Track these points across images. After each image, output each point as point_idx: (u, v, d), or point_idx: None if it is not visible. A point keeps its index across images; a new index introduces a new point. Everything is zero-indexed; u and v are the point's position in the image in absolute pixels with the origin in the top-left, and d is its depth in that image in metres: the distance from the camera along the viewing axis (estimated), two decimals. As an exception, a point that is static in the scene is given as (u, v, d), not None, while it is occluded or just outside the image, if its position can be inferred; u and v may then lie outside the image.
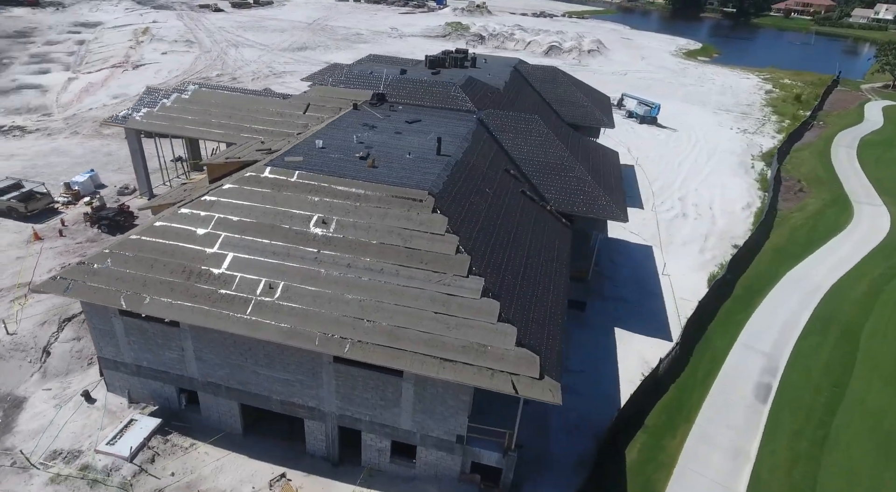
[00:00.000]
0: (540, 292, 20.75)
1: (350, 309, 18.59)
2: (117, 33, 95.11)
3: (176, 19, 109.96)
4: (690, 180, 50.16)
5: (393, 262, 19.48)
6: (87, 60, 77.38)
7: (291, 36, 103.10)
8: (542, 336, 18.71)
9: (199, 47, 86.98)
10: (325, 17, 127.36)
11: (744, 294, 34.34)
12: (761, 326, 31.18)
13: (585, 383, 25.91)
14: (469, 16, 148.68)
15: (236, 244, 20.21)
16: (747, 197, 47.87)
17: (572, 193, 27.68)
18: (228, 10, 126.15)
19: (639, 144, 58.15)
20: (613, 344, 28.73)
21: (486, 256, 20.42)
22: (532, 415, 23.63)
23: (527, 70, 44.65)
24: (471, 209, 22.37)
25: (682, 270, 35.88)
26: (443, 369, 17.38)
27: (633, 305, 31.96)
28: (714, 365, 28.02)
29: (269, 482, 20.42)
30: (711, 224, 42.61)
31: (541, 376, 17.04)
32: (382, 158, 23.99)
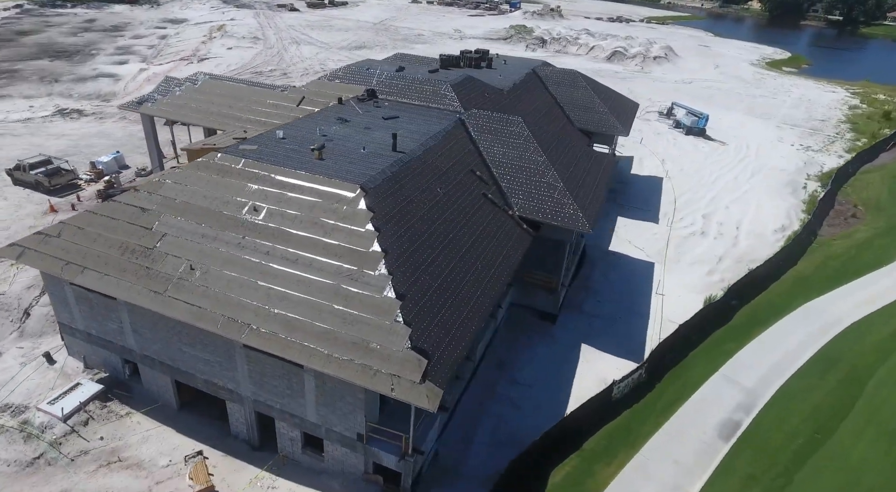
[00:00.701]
0: (460, 297, 20.06)
1: (258, 296, 18.85)
2: (196, 29, 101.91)
3: (252, 17, 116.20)
4: (723, 197, 46.68)
5: (309, 253, 19.55)
6: (162, 54, 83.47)
7: (354, 35, 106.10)
8: (443, 341, 18.08)
9: (263, 44, 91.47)
10: (392, 18, 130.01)
11: (744, 323, 31.53)
12: (752, 359, 28.50)
13: (530, 398, 24.78)
14: (539, 19, 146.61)
15: (172, 225, 21.05)
16: (785, 219, 43.88)
17: (539, 199, 26.54)
18: (303, 10, 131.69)
19: (677, 156, 54.90)
20: (576, 361, 27.28)
21: (409, 256, 20.01)
22: (460, 424, 23.00)
23: (546, 73, 43.34)
24: (409, 207, 22.02)
25: (680, 292, 33.45)
26: (328, 363, 17.23)
27: (611, 323, 30.19)
28: (682, 395, 25.92)
29: (184, 457, 21.12)
30: (732, 245, 39.44)
31: (422, 381, 16.47)
32: (337, 151, 24.16)
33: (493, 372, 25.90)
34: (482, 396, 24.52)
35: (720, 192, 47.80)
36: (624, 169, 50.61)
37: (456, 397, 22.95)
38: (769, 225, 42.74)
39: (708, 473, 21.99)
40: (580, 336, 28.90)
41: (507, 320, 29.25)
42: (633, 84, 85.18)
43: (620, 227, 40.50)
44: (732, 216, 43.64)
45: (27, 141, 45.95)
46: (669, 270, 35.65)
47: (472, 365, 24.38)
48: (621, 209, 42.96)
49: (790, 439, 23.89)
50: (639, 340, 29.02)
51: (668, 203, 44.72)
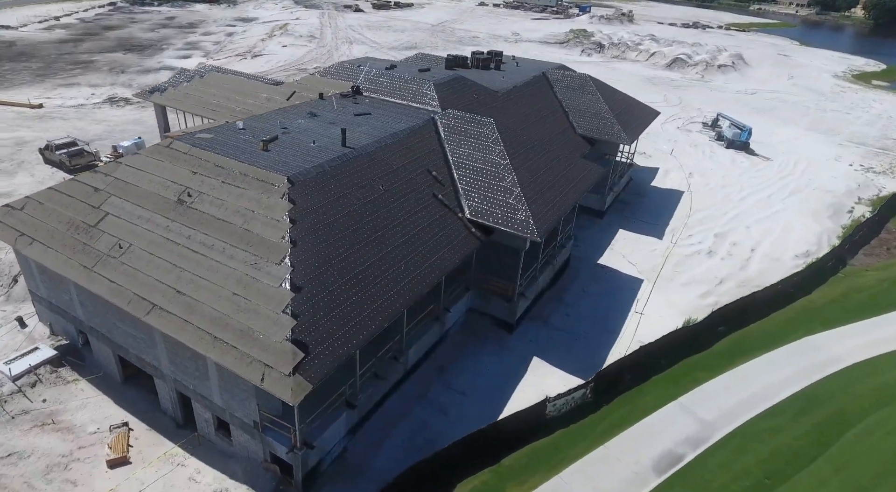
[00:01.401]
0: (367, 295, 19.80)
1: (170, 278, 19.52)
2: (261, 27, 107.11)
3: (316, 17, 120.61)
4: (746, 216, 43.29)
5: (225, 240, 20.01)
6: (224, 50, 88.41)
7: (409, 36, 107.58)
8: (333, 338, 17.91)
9: (317, 43, 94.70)
10: (452, 20, 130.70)
11: (727, 351, 29.12)
12: (721, 391, 26.26)
13: (460, 406, 24.07)
14: (606, 24, 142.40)
15: (116, 205, 22.23)
16: (813, 245, 40.07)
17: (493, 203, 25.71)
18: (367, 11, 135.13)
19: (708, 170, 51.51)
20: (522, 374, 26.20)
21: (322, 249, 20.03)
22: (379, 425, 22.72)
23: (556, 77, 41.96)
24: (340, 202, 22.04)
25: (663, 312, 31.35)
26: (213, 348, 17.56)
27: (574, 339, 28.77)
28: (627, 420, 24.29)
29: (109, 427, 22.21)
30: (740, 268, 36.50)
31: (292, 373, 16.41)
32: (287, 144, 24.59)
33: (431, 376, 25.39)
34: (412, 399, 24.11)
35: (745, 210, 44.37)
36: (643, 180, 48.17)
37: (376, 397, 22.68)
38: (791, 249, 39.18)
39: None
40: (535, 349, 27.76)
41: (464, 325, 28.59)
42: (687, 93, 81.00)
43: (619, 240, 38.53)
44: (751, 237, 40.38)
45: (72, 125, 50.11)
46: (659, 289, 33.50)
47: (402, 367, 24.00)
48: (626, 222, 40.86)
49: (735, 480, 21.77)
50: (599, 358, 27.46)
51: (679, 218, 42.07)
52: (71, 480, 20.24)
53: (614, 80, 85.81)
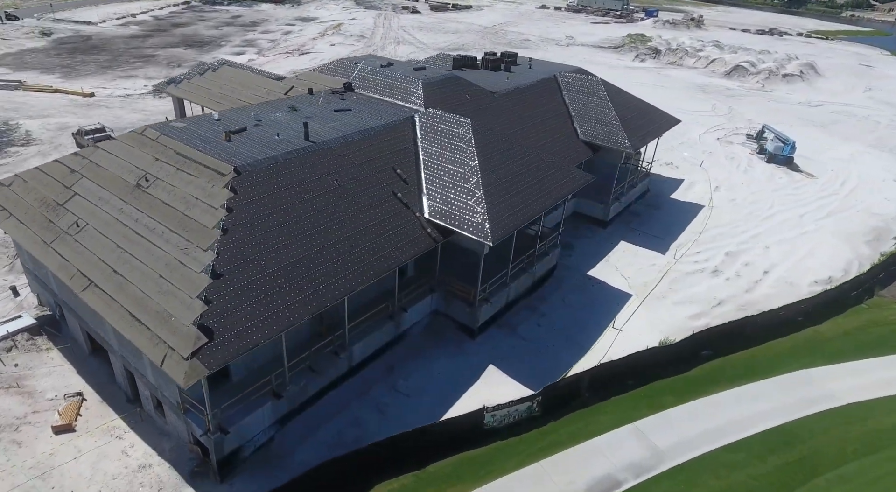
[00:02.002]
0: (293, 288, 19.88)
1: (111, 257, 20.42)
2: (316, 27, 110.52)
3: (372, 18, 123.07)
4: (768, 236, 40.22)
5: (167, 224, 20.71)
6: (276, 47, 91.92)
7: (459, 38, 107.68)
8: (245, 326, 18.12)
9: (365, 42, 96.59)
10: (507, 23, 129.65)
11: (705, 376, 27.18)
12: (685, 419, 24.50)
13: (400, 407, 23.74)
14: (670, 29, 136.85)
15: (84, 186, 23.52)
16: (840, 271, 36.69)
17: (453, 204, 25.17)
18: (424, 13, 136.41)
19: (738, 185, 48.29)
20: (474, 381, 25.49)
21: (254, 239, 20.31)
22: (312, 418, 22.77)
23: (567, 80, 40.63)
24: (286, 194, 22.30)
25: (645, 330, 29.63)
26: (129, 326, 18.22)
27: (539, 350, 27.73)
28: (573, 439, 23.11)
29: (64, 395, 23.51)
30: (745, 290, 33.94)
31: (190, 357, 16.73)
32: (253, 136, 25.14)
33: (378, 375, 25.21)
34: (352, 396, 24.02)
35: (769, 229, 41.24)
36: (663, 192, 45.82)
37: (311, 390, 22.73)
38: (812, 275, 36.04)
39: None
40: (494, 357, 26.97)
41: (428, 327, 28.20)
42: (740, 102, 76.44)
43: (618, 252, 36.81)
44: (768, 258, 37.47)
45: (113, 113, 53.66)
46: (647, 306, 31.72)
47: (346, 363, 23.95)
48: (630, 234, 38.99)
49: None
50: (558, 372, 26.30)
51: (691, 233, 39.66)
52: (17, 440, 21.56)
53: (662, 86, 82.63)
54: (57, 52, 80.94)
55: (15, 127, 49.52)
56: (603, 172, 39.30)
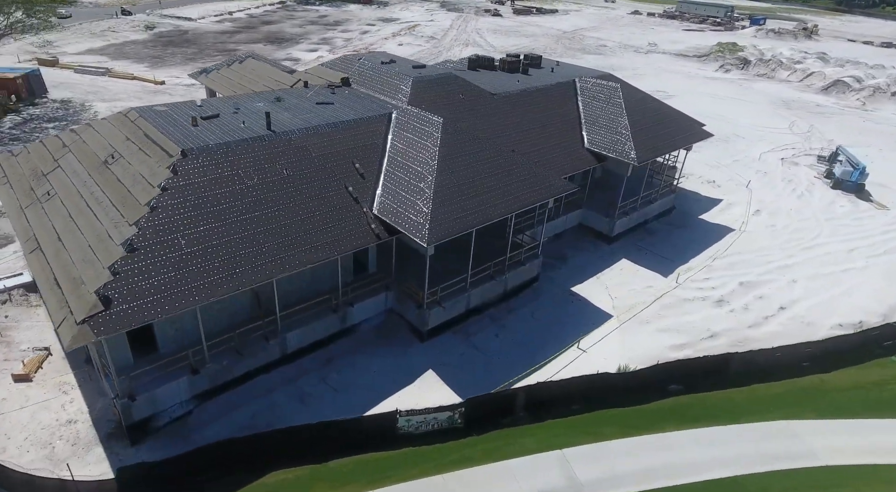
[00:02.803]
0: (210, 269, 20.46)
1: (60, 225, 22.15)
2: (393, 27, 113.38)
3: (450, 20, 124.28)
4: (800, 269, 35.95)
5: (112, 198, 22.11)
6: (347, 46, 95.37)
7: (532, 41, 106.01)
8: (143, 300, 18.88)
9: (433, 43, 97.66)
10: (589, 28, 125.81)
11: (666, 412, 24.82)
12: (624, 453, 22.49)
13: (322, 399, 23.68)
14: (774, 38, 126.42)
15: (67, 160, 25.69)
16: (877, 316, 32.01)
17: (402, 203, 24.71)
18: (506, 16, 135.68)
19: (785, 210, 43.58)
20: (407, 383, 24.90)
21: (182, 218, 21.13)
22: (231, 399, 23.30)
23: (585, 85, 38.59)
24: (230, 179, 23.02)
25: (611, 355, 27.52)
26: (49, 290, 19.63)
27: (488, 362, 26.56)
28: (489, 457, 21.92)
29: (33, 348, 25.79)
30: (749, 326, 30.53)
31: (83, 323, 17.73)
32: (223, 122, 26.19)
33: (312, 366, 25.33)
34: (280, 382, 24.33)
35: (804, 262, 36.85)
36: (691, 211, 42.39)
37: (237, 371, 23.27)
38: (838, 316, 31.77)
39: (419, 542, 18.66)
40: (438, 362, 26.22)
41: (382, 325, 27.97)
42: (827, 121, 69.13)
43: (614, 269, 34.48)
44: (790, 293, 33.50)
45: (172, 99, 58.13)
46: (625, 330, 29.46)
47: (278, 349, 24.30)
48: (636, 252, 36.40)
49: (562, 553, 18.62)
50: (499, 386, 25.05)
51: (705, 258, 36.32)
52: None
53: (739, 99, 76.50)
54: (153, 44, 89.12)
55: (88, 108, 55.17)
56: (612, 184, 37.18)
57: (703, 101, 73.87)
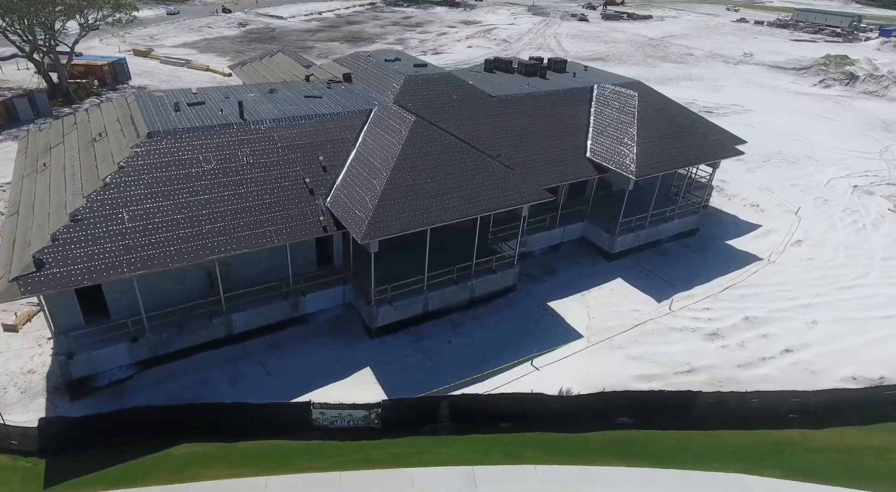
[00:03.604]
0: (143, 243, 21.62)
1: (38, 193, 24.45)
2: (469, 29, 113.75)
3: (531, 24, 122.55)
4: (826, 310, 31.67)
5: (83, 173, 24.09)
6: (420, 46, 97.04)
7: (609, 48, 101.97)
8: (74, 266, 20.25)
9: (503, 47, 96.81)
10: (680, 36, 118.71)
11: (603, 444, 23.00)
12: (534, 480, 21.07)
13: (254, 381, 24.21)
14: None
15: (71, 136, 28.28)
16: (906, 370, 27.60)
17: (354, 198, 24.65)
18: (593, 21, 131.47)
19: (833, 243, 38.65)
20: (342, 378, 24.81)
21: (132, 195, 22.50)
22: (171, 370, 24.47)
23: (602, 92, 36.37)
24: (188, 161, 24.24)
25: (566, 377, 25.74)
26: (4, 250, 21.74)
27: (429, 366, 25.83)
28: (394, 461, 21.44)
29: (28, 302, 28.60)
30: (739, 365, 27.36)
31: (13, 280, 19.45)
32: (207, 110, 27.64)
33: (256, 349, 25.96)
34: (221, 361, 25.16)
35: (836, 302, 32.46)
36: (719, 235, 38.80)
37: (177, 345, 24.40)
38: (854, 367, 27.69)
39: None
40: (379, 361, 25.93)
41: (338, 318, 28.18)
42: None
43: (604, 288, 32.32)
44: (804, 335, 29.68)
45: (232, 90, 62.12)
46: (593, 353, 27.52)
47: (222, 328, 25.21)
48: (635, 273, 33.88)
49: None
50: (429, 391, 24.33)
51: (713, 287, 33.03)
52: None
53: (828, 118, 69.11)
54: (241, 40, 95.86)
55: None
56: (616, 198, 35.01)
57: (782, 118, 67.39)
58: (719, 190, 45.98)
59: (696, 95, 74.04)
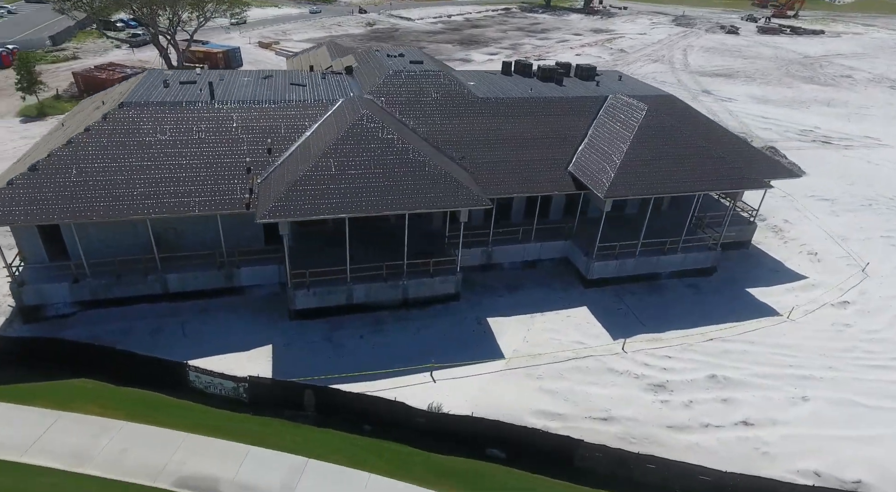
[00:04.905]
0: (85, 197, 24.49)
1: (40, 148, 28.78)
2: (592, 37, 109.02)
3: (666, 34, 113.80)
4: (833, 386, 25.75)
5: (68, 133, 27.91)
6: (533, 51, 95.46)
7: (746, 64, 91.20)
8: (20, 207, 23.70)
9: (615, 57, 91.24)
10: (848, 55, 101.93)
11: (452, 469, 21.10)
12: (361, 487, 20.08)
13: (166, 339, 26.06)
14: None
15: (92, 105, 32.79)
16: (891, 483, 21.53)
17: (279, 181, 25.38)
18: (745, 35, 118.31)
19: (890, 311, 31.00)
20: (242, 350, 25.75)
21: (87, 154, 25.61)
22: (108, 312, 27.35)
23: (614, 104, 32.90)
24: (148, 131, 26.91)
25: (459, 395, 24.10)
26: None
27: (329, 356, 25.81)
28: (236, 435, 21.71)
29: (48, 240, 33.75)
30: (669, 426, 23.43)
31: (-34, 213, 23.34)
32: (189, 88, 30.38)
33: (188, 310, 27.76)
34: (151, 315, 27.28)
35: (850, 381, 26.31)
36: (745, 279, 33.25)
37: (115, 292, 27.06)
38: (824, 462, 22.25)
39: None
40: (284, 342, 26.43)
41: (273, 296, 29.18)
42: None
43: (560, 315, 29.49)
44: (781, 412, 24.52)
45: (316, 81, 66.63)
46: (503, 377, 25.44)
47: (158, 285, 27.51)
48: (609, 306, 30.35)
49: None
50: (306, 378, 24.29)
51: (693, 335, 28.37)
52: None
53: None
54: (362, 38, 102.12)
55: (255, 80, 67.01)
56: (626, 220, 31.85)
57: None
58: (777, 230, 39.33)
59: (820, 122, 63.74)
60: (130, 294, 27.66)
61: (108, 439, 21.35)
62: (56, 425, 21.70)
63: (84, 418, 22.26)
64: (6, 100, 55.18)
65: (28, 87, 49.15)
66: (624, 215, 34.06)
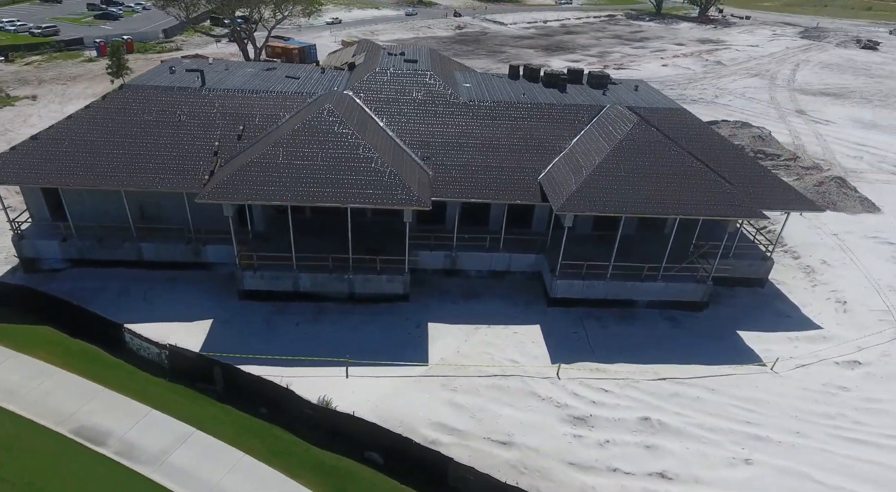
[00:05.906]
0: (71, 165, 27.44)
1: (65, 121, 32.62)
2: (694, 47, 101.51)
3: (785, 47, 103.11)
4: (790, 453, 22.05)
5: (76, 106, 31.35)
6: (618, 60, 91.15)
7: (870, 84, 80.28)
8: (20, 170, 27.14)
9: (706, 70, 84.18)
10: None
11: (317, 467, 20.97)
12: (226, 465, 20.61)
13: (128, 303, 28.38)
14: None
15: (126, 86, 36.54)
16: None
17: (231, 164, 26.74)
18: (883, 50, 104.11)
19: (888, 363, 25.93)
20: (187, 321, 27.42)
21: (80, 129, 28.62)
22: (93, 272, 30.33)
23: (610, 114, 30.45)
24: (137, 111, 29.49)
25: (367, 394, 23.87)
26: (8, 152, 29.95)
27: (259, 337, 26.68)
28: (144, 397, 23.20)
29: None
30: (571, 463, 21.39)
31: (-26, 172, 27.10)
32: (192, 75, 32.76)
33: (157, 278, 29.94)
34: (127, 279, 29.76)
35: (810, 451, 22.49)
36: (739, 320, 29.68)
37: (100, 255, 30.00)
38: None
39: None
40: (226, 317, 27.75)
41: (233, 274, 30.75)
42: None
43: (505, 329, 28.03)
44: (712, 470, 21.58)
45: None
46: (417, 383, 24.79)
47: (133, 252, 30.04)
48: (566, 328, 28.35)
49: None
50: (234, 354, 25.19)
51: (646, 372, 25.54)
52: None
53: None
54: (447, 40, 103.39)
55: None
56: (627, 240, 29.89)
57: None
58: (808, 271, 34.37)
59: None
60: (110, 257, 30.46)
61: (40, 381, 23.79)
62: (5, 363, 24.58)
63: (30, 360, 24.90)
64: (103, 84, 63.09)
65: (116, 71, 55.77)
66: (614, 235, 31.49)
